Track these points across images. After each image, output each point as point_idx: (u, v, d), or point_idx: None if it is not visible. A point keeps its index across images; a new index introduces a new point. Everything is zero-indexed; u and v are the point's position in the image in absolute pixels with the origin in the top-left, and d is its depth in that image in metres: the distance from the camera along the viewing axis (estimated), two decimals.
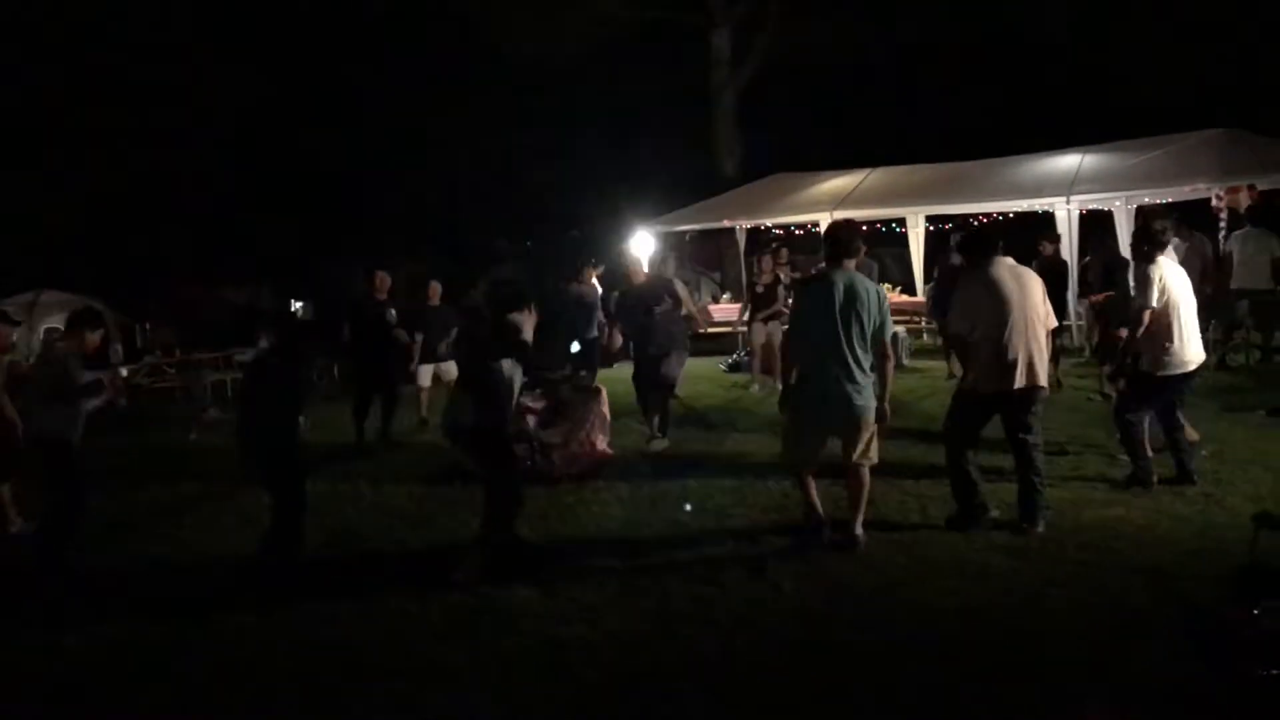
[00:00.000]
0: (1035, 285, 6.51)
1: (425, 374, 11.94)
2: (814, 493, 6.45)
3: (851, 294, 6.07)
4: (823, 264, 6.62)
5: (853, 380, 6.09)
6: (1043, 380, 6.47)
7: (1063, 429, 9.12)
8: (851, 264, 6.28)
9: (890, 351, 6.33)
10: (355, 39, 26.28)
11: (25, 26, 22.39)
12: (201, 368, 17.35)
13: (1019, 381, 6.30)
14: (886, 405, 6.25)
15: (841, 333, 6.04)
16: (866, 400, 6.15)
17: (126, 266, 25.09)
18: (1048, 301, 6.55)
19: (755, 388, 13.09)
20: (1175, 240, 12.40)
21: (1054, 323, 6.68)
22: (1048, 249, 12.41)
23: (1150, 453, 7.28)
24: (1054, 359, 11.63)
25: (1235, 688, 4.05)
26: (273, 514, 6.60)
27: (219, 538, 7.69)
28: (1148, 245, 7.16)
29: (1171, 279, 7.06)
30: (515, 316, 6.48)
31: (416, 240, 27.11)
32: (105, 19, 22.98)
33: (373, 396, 10.96)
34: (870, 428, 6.22)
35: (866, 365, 6.14)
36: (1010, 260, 6.55)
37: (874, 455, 6.33)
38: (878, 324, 6.12)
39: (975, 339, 6.37)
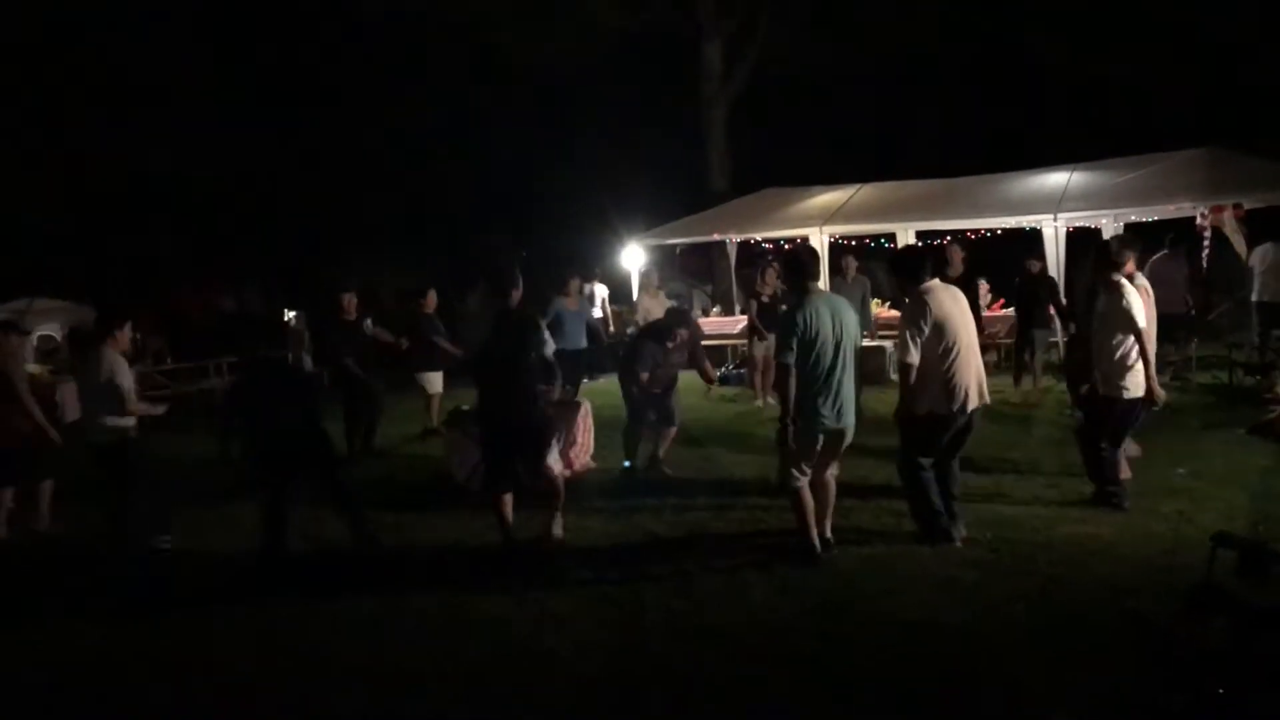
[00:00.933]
0: (965, 304, 6.63)
1: (435, 381, 11.95)
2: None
3: (837, 312, 6.23)
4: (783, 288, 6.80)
5: (851, 395, 6.28)
6: (985, 398, 6.59)
7: (1038, 446, 9.18)
8: (817, 285, 6.42)
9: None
10: (351, 45, 26.35)
11: (14, 29, 22.41)
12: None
13: (963, 402, 6.39)
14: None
15: (840, 351, 6.18)
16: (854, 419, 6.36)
17: (117, 273, 25.11)
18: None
19: (759, 402, 12.97)
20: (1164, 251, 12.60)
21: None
22: (1035, 266, 12.50)
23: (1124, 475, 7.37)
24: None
25: (1187, 705, 4.10)
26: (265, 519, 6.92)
27: (202, 542, 7.73)
28: (1108, 268, 7.19)
29: (1135, 303, 7.05)
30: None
31: (411, 248, 27.19)
32: (98, 21, 23.01)
33: (358, 410, 10.97)
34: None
35: (855, 379, 6.31)
36: (938, 282, 6.60)
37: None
38: (858, 338, 6.37)
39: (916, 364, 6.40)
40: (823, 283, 13.77)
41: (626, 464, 9.29)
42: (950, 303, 6.46)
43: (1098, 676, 4.60)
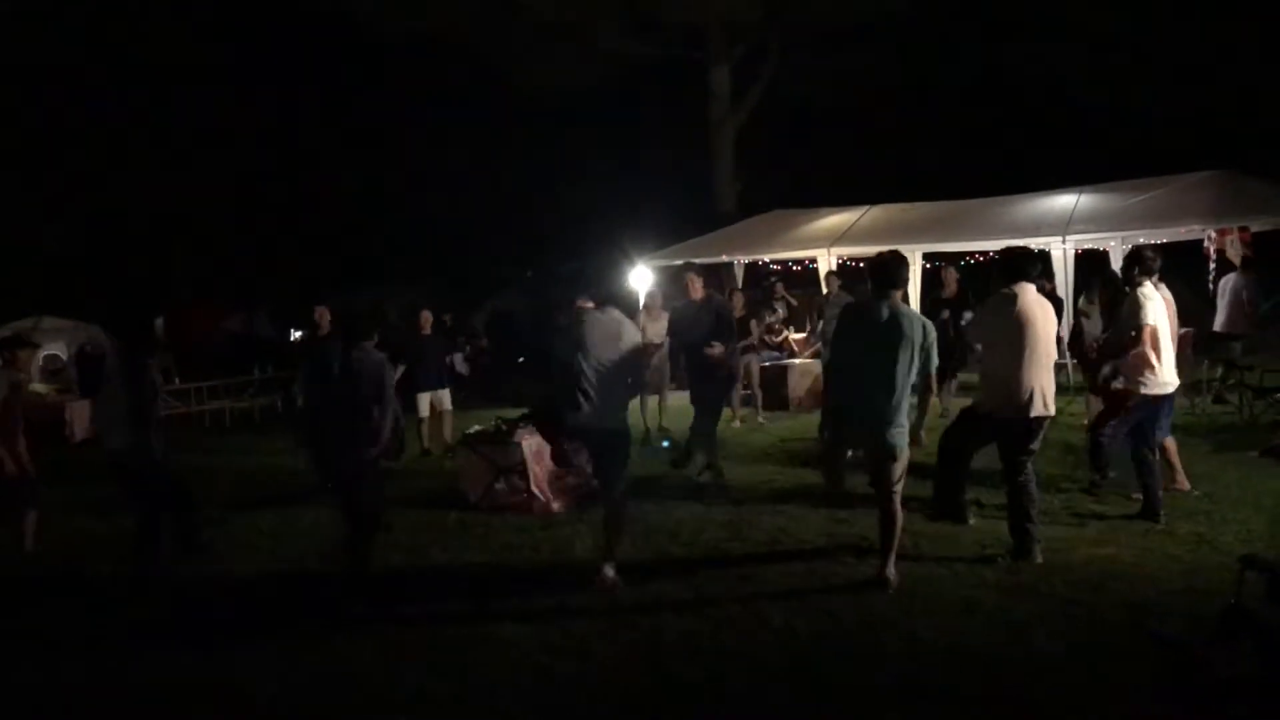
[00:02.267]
0: (1051, 316, 6.68)
1: (423, 404, 11.95)
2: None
3: (895, 324, 6.03)
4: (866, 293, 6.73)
5: (893, 411, 6.06)
6: (1050, 410, 6.59)
7: (1056, 465, 9.15)
8: (898, 295, 6.23)
9: (933, 384, 6.31)
10: (362, 70, 26.51)
11: (28, 51, 22.55)
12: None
13: (1035, 409, 6.43)
14: (922, 433, 6.29)
15: (884, 363, 6.00)
16: (901, 434, 6.12)
17: (126, 293, 25.15)
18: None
19: (736, 423, 13.02)
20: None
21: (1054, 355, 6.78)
22: (1045, 286, 12.48)
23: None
24: None
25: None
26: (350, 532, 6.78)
27: (214, 563, 7.71)
28: (1139, 270, 7.32)
29: (1156, 304, 7.31)
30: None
31: (420, 269, 27.26)
32: (108, 44, 23.15)
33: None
34: (903, 460, 6.19)
35: (905, 397, 6.09)
36: (1033, 288, 6.65)
37: (901, 483, 6.27)
38: (925, 356, 6.10)
39: (991, 365, 6.56)
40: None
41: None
42: (1037, 307, 6.53)
43: (1123, 700, 4.57)
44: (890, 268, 6.25)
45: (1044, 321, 6.56)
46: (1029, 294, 6.56)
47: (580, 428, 6.65)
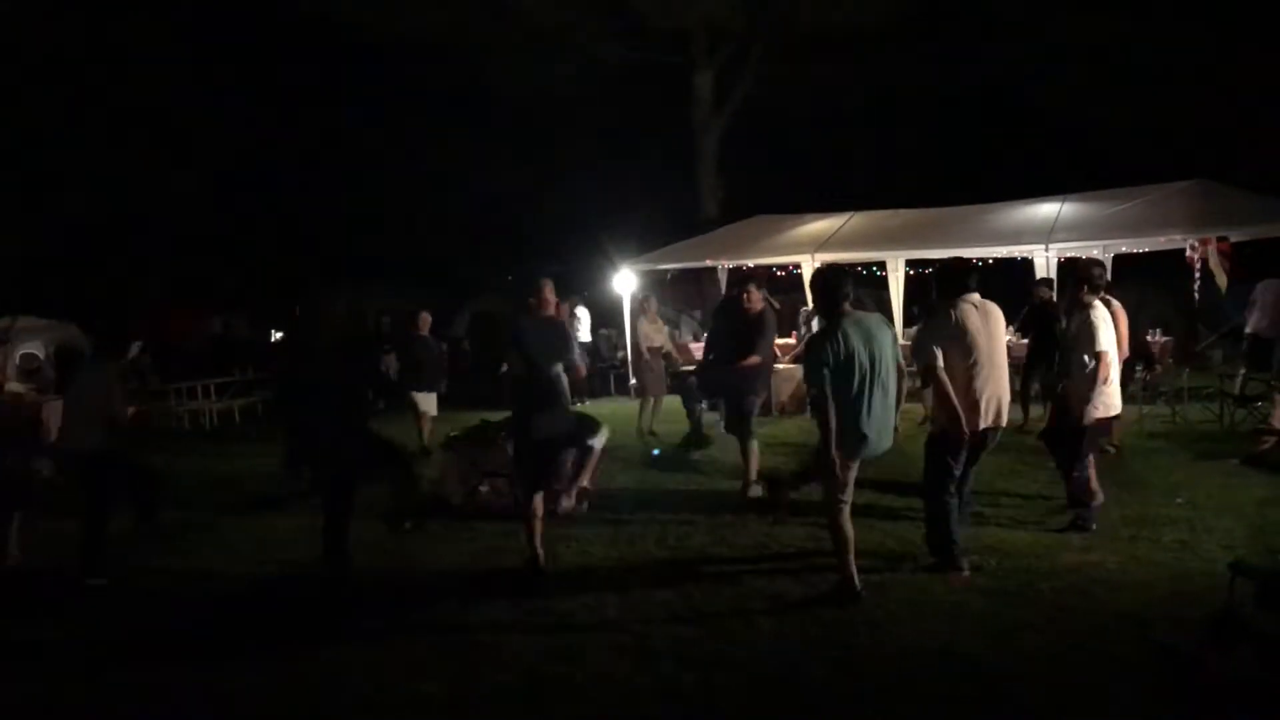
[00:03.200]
0: (999, 322, 6.59)
1: (424, 401, 11.86)
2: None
3: (869, 333, 5.97)
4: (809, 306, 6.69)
5: (888, 418, 6.09)
6: (1004, 420, 6.56)
7: (1041, 473, 9.17)
8: (848, 306, 6.11)
9: (903, 371, 6.29)
10: (346, 72, 26.42)
11: (8, 51, 22.34)
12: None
13: (985, 420, 6.39)
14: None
15: (874, 373, 5.94)
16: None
17: (104, 294, 24.96)
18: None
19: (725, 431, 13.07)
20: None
21: None
22: (1044, 293, 12.52)
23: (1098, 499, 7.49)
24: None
25: None
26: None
27: (197, 566, 7.66)
28: (1088, 288, 7.30)
29: (1107, 325, 7.26)
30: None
31: (401, 272, 27.19)
32: (94, 45, 22.97)
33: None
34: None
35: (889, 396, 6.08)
36: (976, 296, 6.53)
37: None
38: (895, 354, 6.11)
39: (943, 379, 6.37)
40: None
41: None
42: (980, 319, 6.43)
43: (1114, 705, 4.59)
44: (834, 283, 6.14)
45: (990, 330, 6.46)
46: (970, 304, 6.44)
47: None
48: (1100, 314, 7.23)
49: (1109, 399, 7.31)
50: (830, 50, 21.92)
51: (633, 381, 16.34)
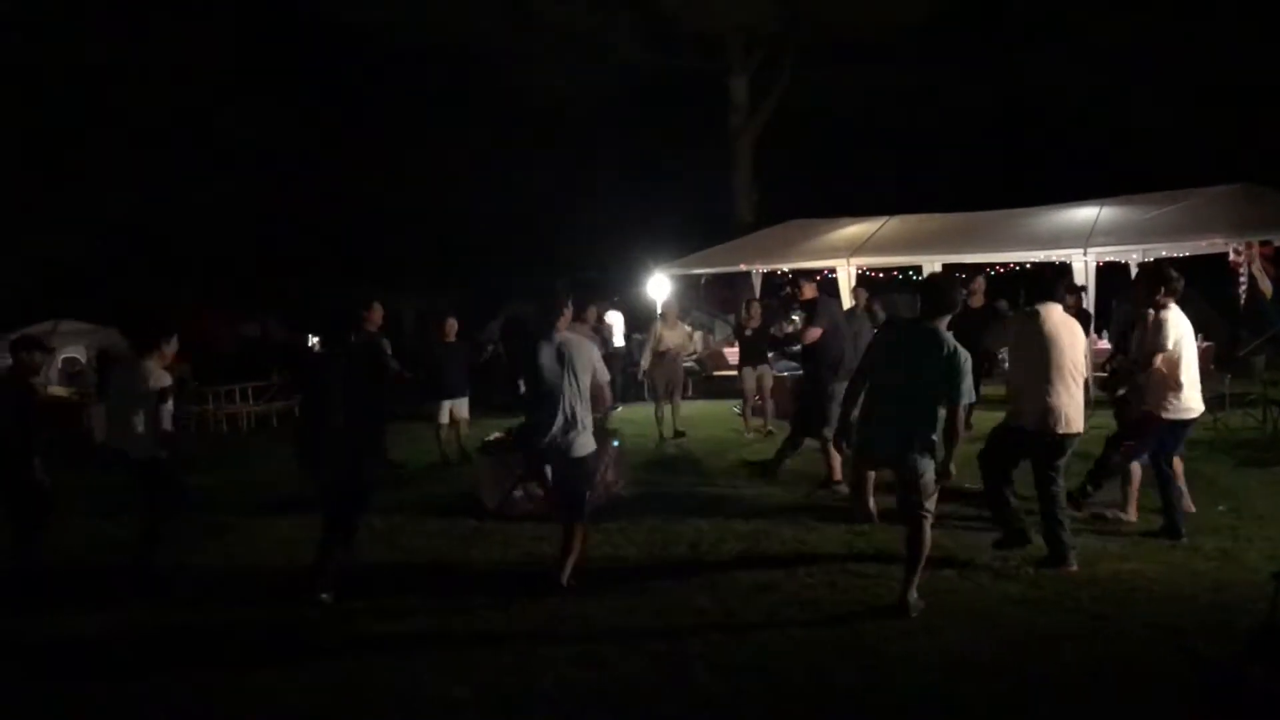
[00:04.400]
0: (1079, 336, 6.73)
1: (444, 411, 11.89)
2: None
3: (929, 347, 5.77)
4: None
5: (918, 433, 5.83)
6: (1077, 427, 6.58)
7: (1078, 480, 9.04)
8: (944, 321, 5.90)
9: (959, 417, 5.82)
10: (379, 79, 26.59)
11: (44, 59, 22.67)
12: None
13: (1060, 427, 6.47)
14: (951, 466, 5.88)
15: (912, 384, 5.78)
16: (921, 458, 5.81)
17: (143, 298, 25.23)
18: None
19: (750, 434, 13.05)
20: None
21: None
22: (1070, 300, 12.35)
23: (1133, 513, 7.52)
24: None
25: None
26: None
27: (230, 568, 7.72)
28: (1164, 291, 7.16)
29: (1182, 326, 7.13)
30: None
31: (437, 278, 27.32)
32: (128, 51, 23.25)
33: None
34: (927, 484, 5.88)
35: (934, 420, 5.83)
36: (1060, 308, 6.76)
37: (930, 506, 5.96)
38: (951, 383, 5.73)
39: (1017, 381, 6.70)
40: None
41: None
42: (1064, 326, 6.60)
43: (1158, 717, 4.51)
44: (941, 290, 6.06)
45: (1070, 341, 6.61)
46: (1055, 314, 6.66)
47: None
48: (1174, 314, 7.11)
49: (1185, 401, 7.15)
50: (865, 53, 21.85)
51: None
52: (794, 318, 15.52)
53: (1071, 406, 6.54)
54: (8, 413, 7.59)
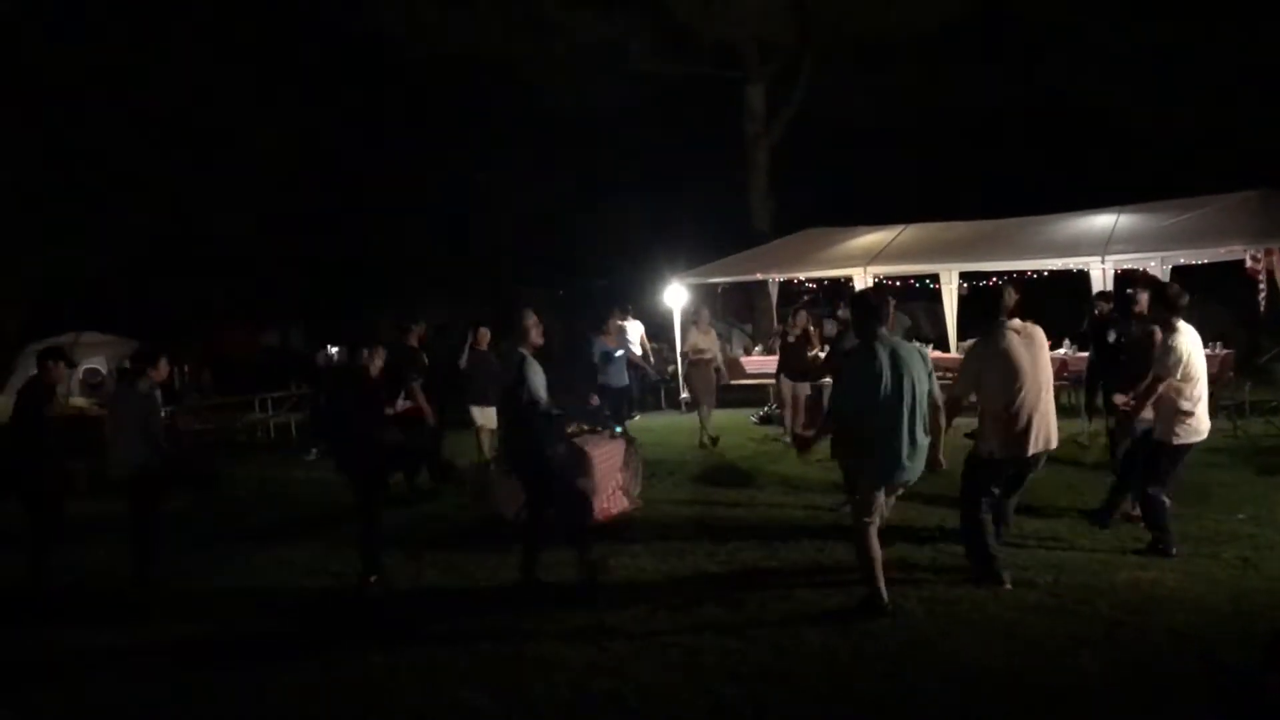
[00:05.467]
0: (1043, 345, 6.57)
1: (478, 415, 11.85)
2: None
3: (905, 359, 5.94)
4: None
5: (922, 442, 6.03)
6: (1053, 443, 6.50)
7: (1098, 489, 9.02)
8: (885, 329, 6.13)
9: (940, 402, 6.24)
10: (397, 88, 26.73)
11: (68, 69, 22.85)
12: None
13: (1033, 447, 6.36)
14: (941, 457, 6.26)
15: (906, 397, 5.89)
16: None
17: (165, 310, 25.42)
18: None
19: (787, 439, 13.00)
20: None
21: None
22: (1104, 309, 12.24)
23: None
24: None
25: None
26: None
27: (251, 575, 7.78)
28: (1167, 310, 7.04)
29: (1193, 348, 6.92)
30: None
31: (453, 287, 27.41)
32: (148, 62, 23.42)
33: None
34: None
35: (925, 424, 6.06)
36: (1017, 322, 6.56)
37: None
38: (929, 382, 6.07)
39: (986, 405, 6.42)
40: None
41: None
42: (1019, 344, 6.42)
43: None
44: (875, 305, 6.18)
45: (1034, 354, 6.45)
46: (1012, 329, 6.47)
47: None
48: (1185, 336, 6.90)
49: (1196, 424, 6.96)
50: (882, 61, 21.81)
51: (684, 395, 16.34)
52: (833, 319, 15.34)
53: (1045, 423, 6.41)
54: (24, 420, 7.74)
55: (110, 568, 8.05)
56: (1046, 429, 6.42)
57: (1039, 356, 6.50)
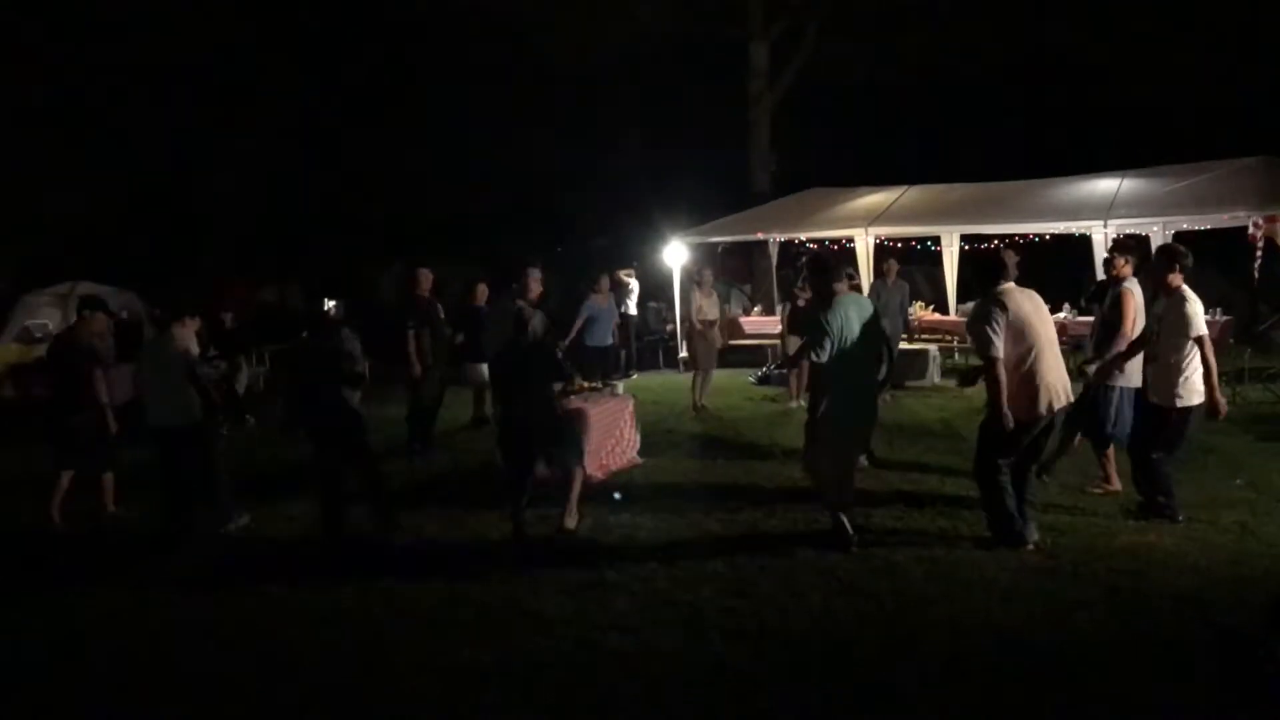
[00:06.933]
0: (1044, 306, 6.63)
1: (479, 372, 11.84)
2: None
3: (862, 314, 6.71)
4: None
5: (874, 393, 6.96)
6: (1065, 402, 6.48)
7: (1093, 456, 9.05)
8: (842, 287, 6.81)
9: (890, 346, 7.27)
10: (396, 44, 26.50)
11: (71, 23, 22.65)
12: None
13: (1044, 407, 6.34)
14: (888, 396, 7.09)
15: (865, 351, 6.66)
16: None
17: (164, 263, 25.30)
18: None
19: (793, 403, 13.01)
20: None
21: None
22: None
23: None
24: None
25: (1270, 715, 4.04)
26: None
27: (250, 531, 7.79)
28: (1179, 270, 6.99)
29: (1197, 310, 6.91)
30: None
31: (451, 244, 27.31)
32: (153, 17, 23.20)
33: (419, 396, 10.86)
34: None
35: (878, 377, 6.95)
36: (1013, 285, 6.54)
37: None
38: (885, 332, 7.02)
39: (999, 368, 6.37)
40: (864, 285, 13.94)
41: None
42: (1027, 304, 6.42)
43: (1169, 687, 4.53)
44: (828, 265, 6.98)
45: (1042, 315, 6.48)
46: (1015, 292, 6.46)
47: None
48: (1192, 299, 6.87)
49: (1197, 384, 6.89)
50: (887, 21, 21.63)
51: (682, 354, 16.33)
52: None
53: (1056, 383, 6.39)
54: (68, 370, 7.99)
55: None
56: (1057, 388, 6.39)
57: (1045, 315, 6.53)
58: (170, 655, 5.43)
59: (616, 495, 8.12)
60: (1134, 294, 7.47)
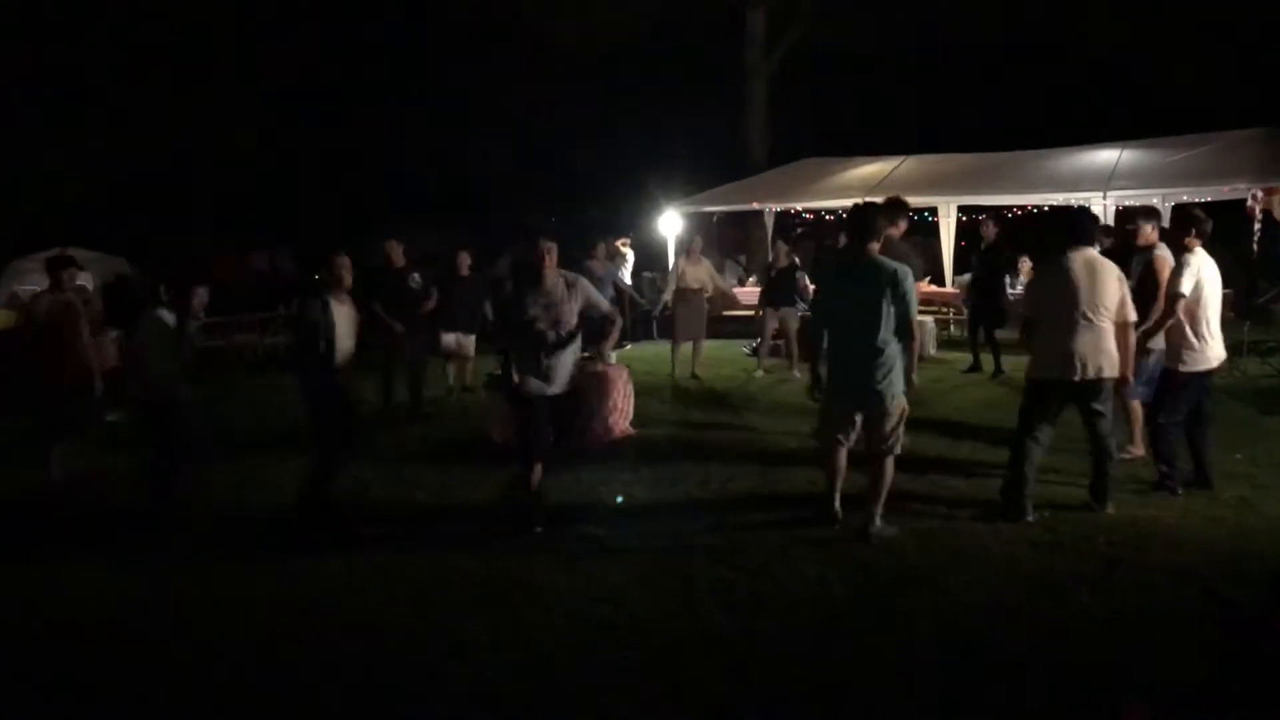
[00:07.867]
0: (1110, 276, 6.37)
1: (466, 343, 11.83)
2: (838, 479, 6.41)
3: (869, 274, 6.00)
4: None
5: (878, 363, 5.97)
6: (1108, 373, 6.36)
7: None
8: (875, 246, 6.13)
9: (916, 333, 6.16)
10: (395, 15, 26.26)
11: None
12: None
13: (1070, 371, 6.26)
14: (914, 377, 6.21)
15: (867, 315, 5.95)
16: (891, 385, 6.04)
17: (154, 230, 25.08)
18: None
19: (760, 373, 12.98)
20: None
21: (1132, 316, 6.47)
22: (1104, 242, 12.07)
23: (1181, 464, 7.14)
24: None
25: (1271, 691, 3.96)
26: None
27: (239, 504, 7.70)
28: (1195, 233, 6.91)
29: (1207, 272, 6.88)
30: None
31: (448, 214, 27.16)
32: None
33: (392, 365, 10.81)
34: (895, 414, 6.10)
35: (892, 348, 6.00)
36: (1090, 251, 6.43)
37: (897, 445, 6.19)
38: (905, 306, 5.97)
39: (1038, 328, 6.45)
40: None
41: None
42: (1085, 273, 6.30)
43: (1169, 661, 4.45)
44: (868, 218, 6.24)
45: (1095, 285, 6.29)
46: (1079, 256, 6.35)
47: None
48: (1200, 259, 6.85)
49: (1206, 350, 6.90)
50: None
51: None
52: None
53: (1094, 352, 6.27)
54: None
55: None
56: (1098, 357, 6.28)
57: (1100, 287, 6.30)
58: (156, 631, 5.32)
59: (619, 499, 7.90)
60: (1167, 259, 7.28)
